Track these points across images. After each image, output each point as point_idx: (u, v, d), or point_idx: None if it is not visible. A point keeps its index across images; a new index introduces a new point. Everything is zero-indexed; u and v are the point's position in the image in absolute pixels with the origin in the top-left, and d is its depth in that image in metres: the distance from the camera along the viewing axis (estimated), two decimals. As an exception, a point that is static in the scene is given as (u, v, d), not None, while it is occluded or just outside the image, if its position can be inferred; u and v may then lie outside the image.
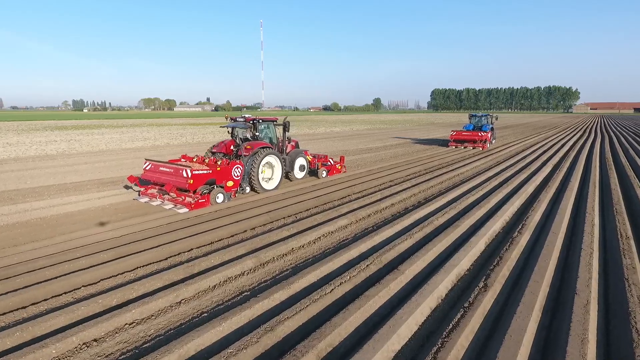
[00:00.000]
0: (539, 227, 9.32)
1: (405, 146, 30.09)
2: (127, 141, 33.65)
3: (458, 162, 20.54)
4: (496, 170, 17.44)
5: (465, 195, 12.31)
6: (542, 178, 15.32)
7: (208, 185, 11.40)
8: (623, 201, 11.54)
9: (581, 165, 18.08)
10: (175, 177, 11.10)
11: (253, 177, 12.66)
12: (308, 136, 40.72)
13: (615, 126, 61.23)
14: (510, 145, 30.75)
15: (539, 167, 18.23)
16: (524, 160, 20.75)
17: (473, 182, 14.65)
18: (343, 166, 17.36)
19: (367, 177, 16.00)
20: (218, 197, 11.35)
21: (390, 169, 18.32)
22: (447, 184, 14.90)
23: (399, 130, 52.54)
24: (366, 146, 30.02)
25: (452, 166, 18.85)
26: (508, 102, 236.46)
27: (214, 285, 6.24)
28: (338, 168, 17.00)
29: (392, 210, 11.14)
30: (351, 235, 8.90)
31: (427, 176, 16.05)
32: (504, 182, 14.78)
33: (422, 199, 12.59)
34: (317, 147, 28.86)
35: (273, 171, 13.78)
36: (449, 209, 10.64)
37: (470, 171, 17.54)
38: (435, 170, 17.89)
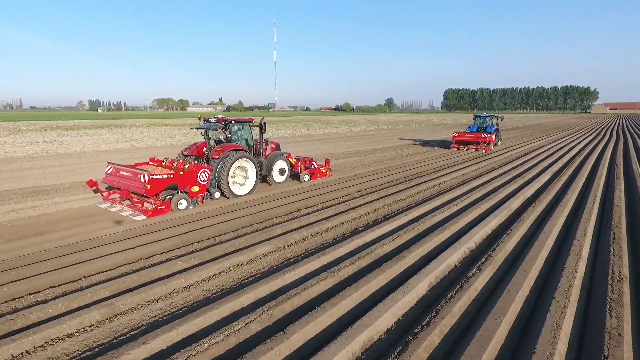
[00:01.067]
0: (507, 262, 7.33)
1: (401, 149, 28.04)
2: (112, 142, 32.42)
3: (447, 167, 18.48)
4: (485, 178, 15.35)
5: (434, 212, 10.35)
6: (534, 190, 13.22)
7: (172, 191, 10.79)
8: (625, 223, 9.43)
9: (585, 174, 15.84)
10: (133, 182, 10.48)
11: (222, 182, 11.94)
12: (303, 137, 38.97)
13: (634, 127, 57.76)
14: (513, 148, 28.42)
15: (536, 175, 16.05)
16: (521, 166, 18.56)
17: (452, 193, 12.65)
18: (328, 170, 16.29)
19: (340, 185, 14.50)
20: (180, 203, 10.74)
21: (370, 175, 16.55)
22: (421, 195, 12.93)
23: (403, 132, 50.41)
24: (358, 149, 28.11)
25: (438, 173, 16.83)
26: (524, 102, 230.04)
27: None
28: (322, 172, 16.03)
29: (338, 231, 9.28)
30: (260, 270, 7.06)
31: (403, 185, 14.12)
32: (488, 194, 12.72)
33: (382, 215, 10.70)
34: (308, 149, 27.21)
35: (247, 175, 12.99)
36: (405, 231, 8.74)
37: (455, 180, 15.49)
38: (417, 177, 15.91)
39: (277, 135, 42.15)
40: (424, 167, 18.69)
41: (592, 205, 10.70)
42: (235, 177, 12.75)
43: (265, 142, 14.90)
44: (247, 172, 13.00)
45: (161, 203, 10.42)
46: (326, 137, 40.02)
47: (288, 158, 15.20)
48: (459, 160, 21.43)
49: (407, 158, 22.73)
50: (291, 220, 9.86)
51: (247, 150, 12.97)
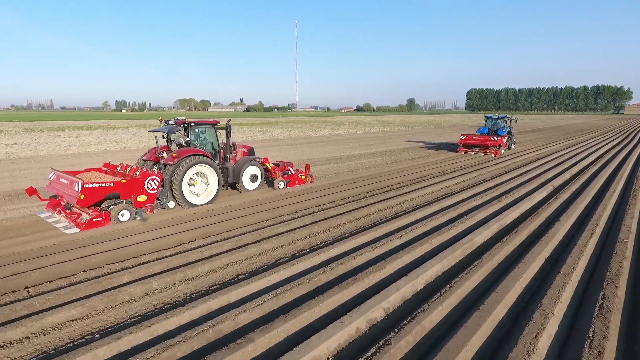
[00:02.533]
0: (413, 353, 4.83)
1: (399, 153, 25.39)
2: (103, 144, 31.13)
3: (432, 178, 15.83)
4: (466, 194, 12.70)
5: (364, 248, 7.85)
6: (519, 213, 10.52)
7: (116, 200, 9.93)
8: (629, 276, 6.72)
9: (593, 190, 12.94)
10: (69, 191, 9.64)
11: (175, 190, 10.97)
12: (298, 140, 36.83)
13: (669, 130, 52.74)
14: (525, 152, 25.34)
15: (531, 191, 13.24)
16: (521, 177, 15.71)
17: (408, 217, 10.07)
18: (308, 176, 15.14)
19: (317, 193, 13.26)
20: (122, 214, 9.85)
21: (350, 184, 14.84)
22: (381, 215, 10.50)
23: (413, 133, 47.56)
24: (352, 153, 25.69)
25: (417, 184, 14.28)
26: (551, 102, 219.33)
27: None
28: (301, 178, 14.89)
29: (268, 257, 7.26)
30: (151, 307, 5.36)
31: (373, 199, 11.92)
32: (453, 220, 9.99)
33: (325, 239, 8.48)
34: (296, 153, 25.48)
35: (208, 182, 11.94)
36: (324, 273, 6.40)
37: (427, 196, 12.86)
38: (397, 189, 13.47)
39: (274, 137, 40.13)
40: (409, 176, 16.14)
41: (587, 242, 7.97)
42: (195, 185, 11.73)
43: (233, 146, 13.91)
44: (208, 179, 11.90)
45: (98, 214, 9.47)
46: (325, 139, 37.70)
47: (264, 163, 14.20)
48: (453, 167, 18.66)
49: (399, 164, 20.16)
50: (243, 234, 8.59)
51: (208, 155, 11.88)
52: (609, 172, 16.68)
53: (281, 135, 42.73)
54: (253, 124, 68.78)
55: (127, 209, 9.90)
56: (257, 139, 37.46)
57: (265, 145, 31.63)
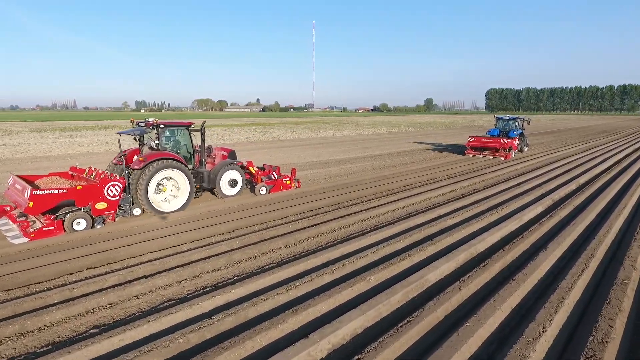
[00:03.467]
0: None
1: (398, 156, 23.50)
2: (81, 145, 30.25)
3: (417, 187, 14.00)
4: (445, 209, 10.86)
5: (296, 281, 6.21)
6: (500, 236, 8.65)
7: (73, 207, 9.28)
8: (624, 338, 4.86)
9: (598, 207, 10.90)
10: (20, 197, 9.14)
11: (140, 196, 10.34)
12: (296, 142, 35.29)
13: (700, 132, 48.91)
14: (535, 156, 23.15)
15: (525, 205, 11.29)
16: (517, 187, 13.71)
17: (369, 237, 8.37)
18: (294, 181, 14.34)
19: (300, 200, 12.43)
20: (78, 223, 9.22)
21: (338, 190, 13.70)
22: (331, 236, 8.78)
23: (422, 134, 45.47)
24: (347, 156, 23.96)
25: (395, 196, 12.53)
26: (574, 102, 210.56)
27: None
28: (286, 183, 14.08)
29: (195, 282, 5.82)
30: None
31: (331, 215, 10.26)
32: (413, 246, 8.22)
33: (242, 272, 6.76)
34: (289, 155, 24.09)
35: (178, 188, 11.25)
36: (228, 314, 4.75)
37: (401, 210, 11.05)
38: (367, 201, 11.75)
39: (272, 138, 38.70)
40: (390, 185, 14.36)
41: (573, 284, 6.09)
42: (163, 191, 11.08)
43: (208, 149, 13.39)
44: (178, 184, 11.24)
45: (49, 223, 8.85)
46: (324, 141, 36.05)
47: (248, 167, 13.60)
48: (446, 174, 16.72)
49: (387, 169, 18.33)
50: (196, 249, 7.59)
51: (179, 159, 11.17)
52: (624, 182, 14.48)
53: (281, 136, 41.26)
54: (258, 125, 67.66)
55: (83, 217, 9.28)
56: (254, 140, 36.12)
57: (259, 147, 30.23)
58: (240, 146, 30.68)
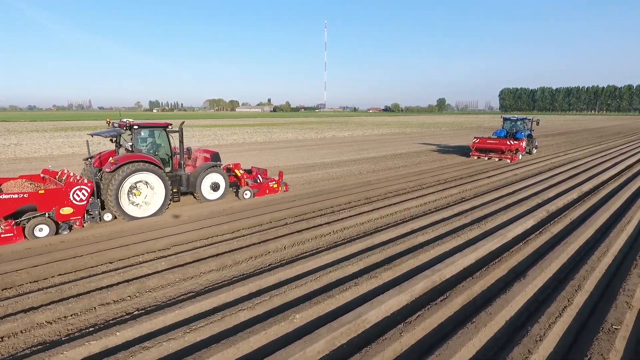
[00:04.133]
0: None
1: (394, 159, 22.18)
2: (71, 146, 29.62)
3: (401, 194, 12.74)
4: (420, 223, 9.57)
5: (196, 323, 5.05)
6: (473, 259, 7.35)
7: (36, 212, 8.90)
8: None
9: (600, 219, 9.48)
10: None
11: (110, 201, 9.90)
12: (289, 143, 34.15)
13: None
14: (539, 160, 21.55)
15: (513, 219, 9.94)
16: (511, 196, 12.30)
17: (319, 259, 7.16)
18: (281, 184, 13.66)
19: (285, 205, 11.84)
20: (40, 229, 8.79)
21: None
22: (275, 257, 7.59)
23: (428, 135, 43.94)
24: (338, 158, 22.80)
25: (371, 205, 11.30)
26: (591, 102, 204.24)
27: None
28: (273, 187, 13.40)
29: None
30: None
31: (289, 228, 8.99)
32: (366, 271, 6.98)
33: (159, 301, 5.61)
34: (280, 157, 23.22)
35: (153, 192, 10.70)
36: None
37: (371, 223, 9.79)
38: (339, 212, 10.51)
39: (269, 139, 37.65)
40: (373, 192, 13.10)
41: (546, 329, 4.81)
42: (137, 195, 10.57)
43: (187, 151, 12.93)
44: (153, 188, 10.73)
45: (8, 229, 8.44)
46: (322, 142, 34.85)
47: (234, 170, 13.13)
48: (436, 180, 15.36)
49: (377, 174, 17.05)
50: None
51: (154, 162, 10.68)
52: (633, 191, 12.95)
53: (280, 137, 40.16)
54: (261, 125, 66.76)
55: (45, 223, 8.86)
56: (250, 141, 35.10)
57: (252, 148, 29.20)
58: (234, 147, 29.73)
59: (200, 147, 19.54)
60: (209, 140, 36.09)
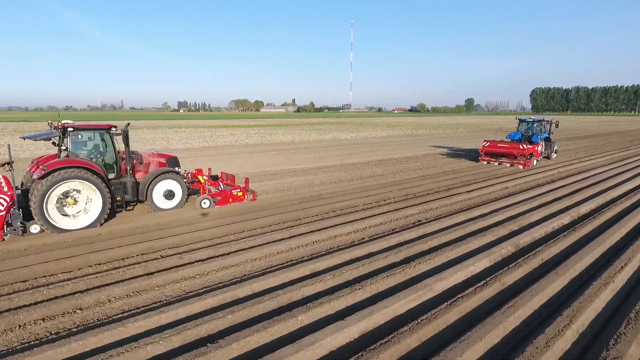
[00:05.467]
0: None
1: (385, 165, 19.93)
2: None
3: (357, 211, 10.62)
4: (336, 260, 7.43)
5: None
6: (344, 342, 5.17)
7: None
8: None
9: (593, 254, 7.03)
10: None
11: (35, 212, 9.03)
12: (279, 145, 32.33)
13: None
14: (548, 168, 18.84)
15: (475, 251, 7.62)
16: (484, 219, 9.89)
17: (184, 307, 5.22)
18: (247, 192, 12.56)
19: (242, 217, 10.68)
20: None
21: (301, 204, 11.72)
22: (155, 295, 5.69)
23: (440, 138, 41.27)
24: (324, 163, 20.83)
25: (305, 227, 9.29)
26: (631, 102, 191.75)
27: None
28: (237, 195, 12.29)
29: None
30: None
31: (190, 257, 7.06)
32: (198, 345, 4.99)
33: None
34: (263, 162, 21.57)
35: (90, 202, 9.90)
36: None
37: (277, 257, 7.72)
38: (257, 236, 8.52)
39: (262, 141, 35.95)
40: (325, 207, 11.03)
41: None
42: (71, 204, 9.78)
43: (135, 156, 11.98)
44: (89, 197, 9.95)
45: None
46: (316, 145, 32.96)
47: (196, 176, 12.41)
48: (415, 192, 13.04)
49: (353, 183, 14.93)
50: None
51: (92, 168, 9.79)
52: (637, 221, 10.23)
53: (274, 139, 38.32)
54: (266, 126, 65.38)
55: None
56: (243, 143, 33.50)
57: (242, 151, 27.59)
58: (222, 150, 28.32)
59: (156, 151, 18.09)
60: (198, 141, 34.87)
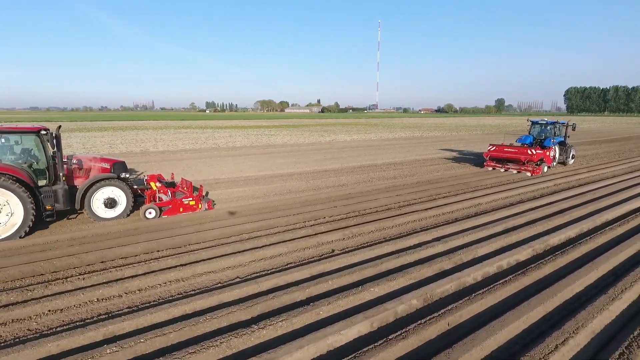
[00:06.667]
0: None
1: (368, 171, 18.09)
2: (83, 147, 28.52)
3: (270, 235, 8.92)
4: (161, 315, 5.75)
5: None
6: None
7: None
8: None
9: (538, 311, 5.04)
10: None
11: None
12: (267, 148, 30.86)
13: None
14: (558, 176, 16.41)
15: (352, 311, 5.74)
16: (431, 245, 7.95)
17: None
18: (203, 201, 11.72)
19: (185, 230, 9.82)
20: None
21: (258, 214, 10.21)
22: None
23: (452, 140, 38.87)
24: (292, 170, 19.22)
25: (206, 252, 7.66)
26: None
27: None
28: (189, 204, 11.41)
29: None
30: None
31: None
32: None
33: None
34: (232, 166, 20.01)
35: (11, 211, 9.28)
36: None
37: (159, 289, 6.13)
38: (136, 264, 7.01)
39: (259, 143, 34.60)
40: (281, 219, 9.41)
41: None
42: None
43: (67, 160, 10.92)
44: (11, 206, 9.28)
45: None
46: (307, 147, 31.30)
47: (149, 182, 11.71)
48: (372, 207, 11.18)
49: (311, 193, 13.20)
50: None
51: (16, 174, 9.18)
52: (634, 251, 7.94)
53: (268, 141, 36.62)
54: (272, 127, 64.15)
55: None
56: (225, 146, 32.24)
57: (214, 155, 26.30)
58: (206, 153, 27.06)
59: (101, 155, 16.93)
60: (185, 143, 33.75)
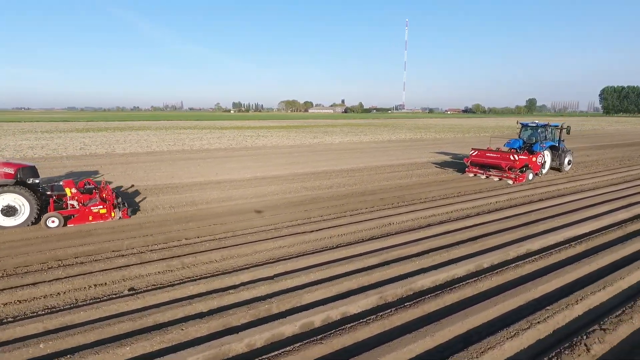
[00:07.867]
0: None
1: (323, 178, 17.23)
2: (72, 148, 29.20)
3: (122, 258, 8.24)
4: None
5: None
6: None
7: None
8: None
9: None
10: None
11: None
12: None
13: None
14: (535, 185, 14.92)
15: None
16: (295, 276, 7.08)
17: None
18: (117, 209, 10.92)
19: (76, 240, 9.18)
20: None
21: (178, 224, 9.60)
22: None
23: (453, 143, 36.78)
24: (238, 176, 18.49)
25: (79, 267, 7.08)
26: None
27: None
28: (100, 213, 10.48)
29: None
30: None
31: None
32: None
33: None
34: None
35: None
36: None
37: None
38: None
39: (251, 145, 34.11)
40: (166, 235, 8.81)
41: None
42: None
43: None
44: None
45: None
46: (301, 149, 30.56)
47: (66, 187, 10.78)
48: (249, 226, 10.37)
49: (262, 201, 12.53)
50: None
51: None
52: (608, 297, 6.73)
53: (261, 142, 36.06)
54: (270, 128, 63.62)
55: None
56: (211, 148, 31.87)
57: (213, 156, 25.95)
58: (195, 154, 26.76)
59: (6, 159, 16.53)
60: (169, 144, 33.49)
